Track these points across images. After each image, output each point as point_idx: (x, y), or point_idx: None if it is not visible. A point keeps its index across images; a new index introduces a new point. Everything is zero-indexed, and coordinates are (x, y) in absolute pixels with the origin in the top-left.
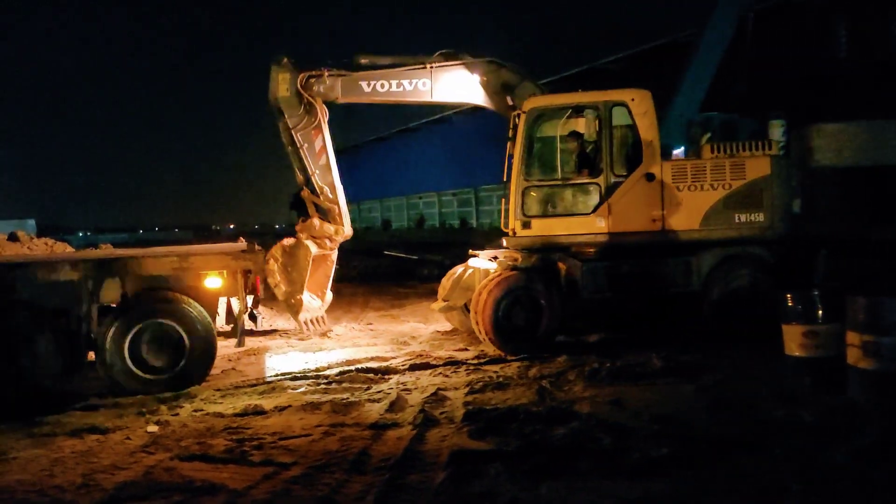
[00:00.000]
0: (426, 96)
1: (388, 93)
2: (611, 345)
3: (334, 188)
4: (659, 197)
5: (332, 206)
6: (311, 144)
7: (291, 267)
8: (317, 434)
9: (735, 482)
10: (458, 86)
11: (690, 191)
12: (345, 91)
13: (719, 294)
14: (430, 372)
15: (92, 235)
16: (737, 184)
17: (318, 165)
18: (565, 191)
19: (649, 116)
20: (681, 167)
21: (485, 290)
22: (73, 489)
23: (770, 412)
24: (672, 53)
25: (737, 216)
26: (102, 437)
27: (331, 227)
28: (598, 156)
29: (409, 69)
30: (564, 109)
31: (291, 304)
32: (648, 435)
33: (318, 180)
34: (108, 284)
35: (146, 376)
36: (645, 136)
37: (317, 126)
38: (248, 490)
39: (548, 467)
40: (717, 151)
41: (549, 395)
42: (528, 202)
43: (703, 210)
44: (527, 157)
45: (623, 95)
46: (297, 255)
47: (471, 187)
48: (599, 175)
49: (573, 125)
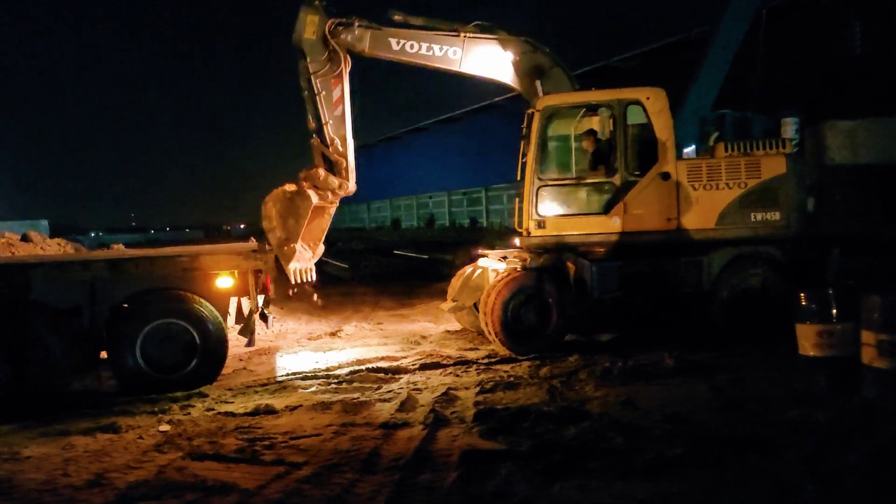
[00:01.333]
0: (454, 65)
1: (416, 54)
2: (622, 344)
3: (345, 141)
4: (674, 196)
5: (340, 160)
6: (329, 93)
7: (289, 214)
8: (328, 434)
9: (749, 482)
10: (488, 61)
11: (706, 190)
12: (373, 45)
13: (730, 294)
14: (441, 371)
15: (104, 236)
16: (752, 183)
17: (332, 115)
18: (580, 190)
19: (664, 115)
20: (696, 166)
21: (494, 290)
22: (86, 488)
23: (784, 412)
24: (684, 51)
25: (753, 215)
26: (115, 437)
27: (336, 180)
28: (613, 155)
29: (443, 35)
30: (579, 108)
31: (283, 252)
32: (661, 435)
33: (330, 130)
34: (120, 285)
35: (158, 376)
36: (660, 134)
37: (338, 75)
38: (260, 490)
39: (560, 467)
40: (731, 150)
41: (560, 395)
42: (543, 202)
43: (718, 209)
44: (541, 155)
45: (638, 94)
46: (297, 203)
47: (481, 187)
48: (614, 174)
49: (587, 124)
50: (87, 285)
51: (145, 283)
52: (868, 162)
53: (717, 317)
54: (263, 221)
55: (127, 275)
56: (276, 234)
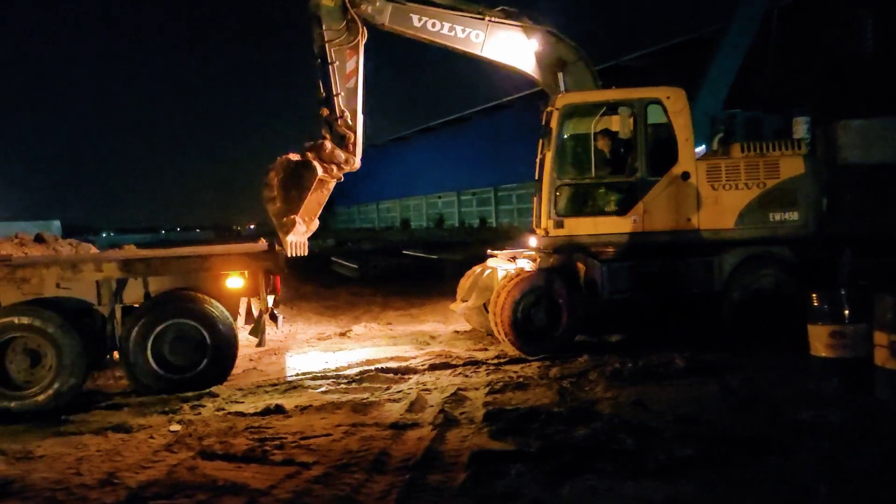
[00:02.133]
0: (476, 49)
1: (437, 33)
2: (632, 345)
3: (356, 115)
4: (694, 196)
5: (349, 133)
6: (343, 63)
7: (292, 185)
8: (337, 434)
9: (761, 484)
10: (511, 48)
11: (725, 190)
12: (393, 18)
13: (742, 294)
14: (450, 372)
15: (115, 236)
16: (771, 183)
17: (344, 87)
18: (599, 190)
19: (684, 114)
20: (715, 166)
21: (504, 290)
22: (98, 487)
23: (796, 413)
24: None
25: (771, 215)
26: (127, 436)
27: (342, 153)
28: (633, 154)
29: (467, 16)
30: (598, 106)
31: (283, 223)
32: (672, 435)
33: (341, 102)
34: (131, 285)
35: (169, 375)
36: (680, 134)
37: (353, 46)
38: (271, 489)
39: (570, 468)
40: (747, 150)
41: (570, 396)
42: (562, 201)
43: (737, 209)
44: (560, 154)
45: (658, 93)
46: (302, 175)
47: (490, 187)
48: (634, 174)
49: (606, 122)
50: (99, 285)
51: (157, 284)
52: (881, 161)
53: (728, 317)
54: (264, 190)
55: (139, 275)
56: (277, 204)
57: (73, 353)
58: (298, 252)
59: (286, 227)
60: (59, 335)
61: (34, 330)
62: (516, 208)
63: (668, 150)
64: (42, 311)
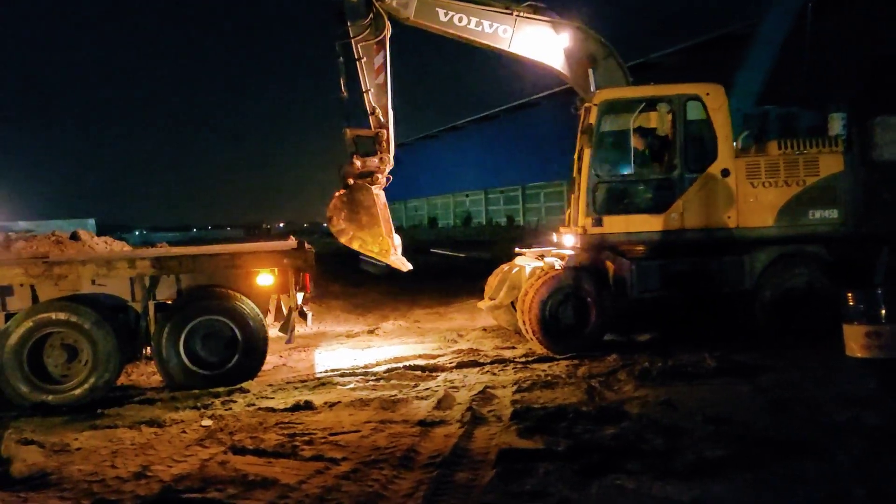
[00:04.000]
0: (503, 44)
1: (464, 28)
2: (662, 344)
3: (387, 112)
4: (733, 193)
5: (381, 131)
6: (371, 59)
7: (358, 215)
8: (366, 430)
9: (795, 486)
10: (539, 44)
11: (765, 187)
12: (419, 12)
13: (775, 293)
14: (478, 370)
15: (148, 234)
16: (811, 180)
17: (373, 83)
18: (638, 186)
19: (724, 111)
20: (754, 163)
21: (531, 288)
22: (132, 479)
23: (831, 415)
24: (727, 46)
25: (811, 213)
26: (160, 430)
27: (373, 160)
28: (672, 151)
29: (494, 11)
30: (636, 102)
31: (380, 251)
32: (702, 436)
33: (371, 99)
34: (164, 282)
35: (200, 371)
36: (720, 131)
37: (380, 41)
38: (300, 484)
39: (598, 468)
40: (784, 147)
41: (598, 395)
42: (600, 198)
43: (777, 206)
44: (598, 151)
45: (698, 89)
46: (359, 200)
47: (518, 185)
48: (673, 171)
49: (645, 119)
50: (133, 282)
51: (189, 281)
52: None
53: (761, 317)
54: (341, 238)
55: (171, 272)
56: (361, 238)
57: (108, 349)
58: (405, 267)
59: (386, 251)
60: (94, 331)
61: (71, 325)
62: (544, 206)
63: (706, 147)
64: (78, 308)
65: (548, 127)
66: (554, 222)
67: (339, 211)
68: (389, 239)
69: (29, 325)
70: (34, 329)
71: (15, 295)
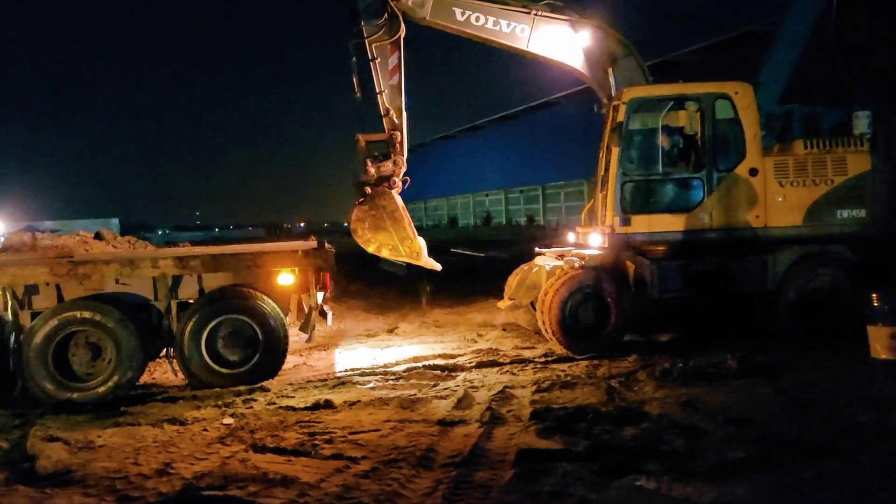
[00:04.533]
0: (521, 44)
1: (481, 28)
2: (682, 344)
3: (401, 113)
4: (762, 192)
5: (395, 133)
6: (385, 60)
7: (383, 221)
8: (385, 429)
9: (817, 488)
10: (558, 43)
11: (793, 186)
12: (435, 12)
13: (798, 293)
14: (497, 370)
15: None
16: (839, 179)
17: (387, 84)
18: (666, 185)
19: (752, 110)
20: (782, 162)
21: (551, 289)
22: (155, 476)
23: (855, 416)
24: (749, 44)
25: (839, 212)
26: (181, 428)
27: (388, 163)
28: (700, 149)
29: (511, 10)
30: (664, 101)
31: (411, 254)
32: (724, 437)
33: (385, 100)
34: (186, 281)
35: (222, 370)
36: (748, 129)
37: (395, 42)
38: (320, 483)
39: (618, 468)
40: (810, 146)
41: (618, 395)
42: (629, 197)
43: (805, 206)
44: (626, 149)
45: (727, 88)
46: (381, 205)
47: (538, 184)
48: (702, 169)
49: (673, 117)
50: (155, 282)
51: (210, 280)
52: None
53: (784, 317)
54: (369, 247)
55: (193, 271)
56: (389, 245)
57: (131, 347)
58: (437, 267)
59: (416, 254)
60: (118, 329)
61: (95, 324)
62: (564, 206)
63: (735, 146)
64: (102, 306)
65: (568, 126)
66: (574, 222)
67: (363, 221)
68: (416, 241)
69: (54, 324)
70: (59, 327)
71: (41, 294)
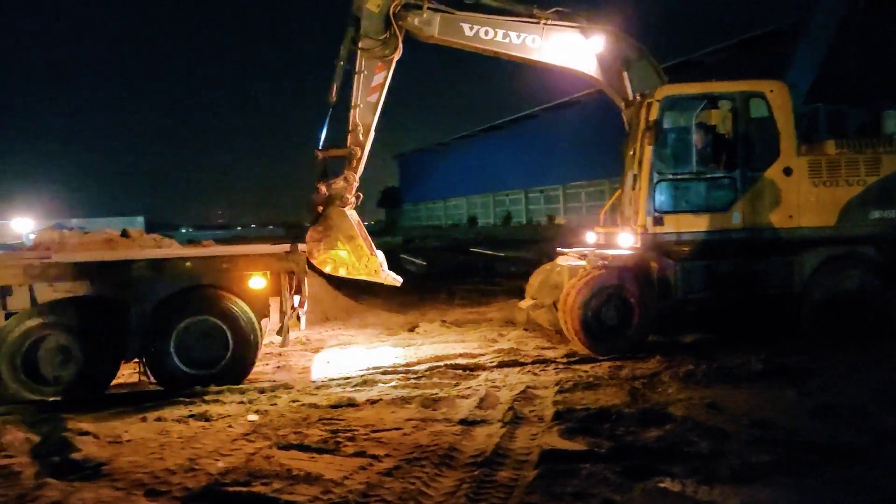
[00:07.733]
0: (533, 54)
1: (491, 41)
2: (707, 346)
3: (368, 132)
4: (796, 192)
5: (355, 149)
6: (370, 75)
7: (341, 239)
8: (407, 427)
9: (843, 492)
10: (570, 50)
11: (826, 186)
12: (443, 30)
13: (824, 295)
14: (519, 370)
15: (194, 232)
16: (871, 179)
17: (364, 100)
18: (700, 185)
19: (786, 108)
20: (816, 162)
21: (573, 289)
22: (181, 472)
23: (881, 420)
24: (772, 44)
25: (872, 213)
26: (207, 424)
27: (339, 180)
28: (734, 148)
29: (520, 21)
30: (697, 99)
31: (369, 271)
32: (748, 440)
33: (356, 114)
34: (158, 283)
35: (191, 371)
36: (783, 128)
37: (386, 61)
38: (343, 480)
39: (641, 470)
40: (841, 147)
41: (641, 397)
42: (662, 197)
43: (839, 206)
44: (659, 148)
45: (761, 86)
46: (332, 224)
47: (558, 184)
48: (735, 168)
49: (705, 116)
50: (133, 283)
51: (182, 282)
52: None
53: (809, 319)
54: (325, 269)
55: (165, 273)
56: (347, 263)
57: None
58: (397, 282)
59: (375, 270)
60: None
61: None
62: (585, 206)
63: (769, 145)
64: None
65: (588, 125)
66: (594, 222)
67: (318, 243)
68: (374, 257)
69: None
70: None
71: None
